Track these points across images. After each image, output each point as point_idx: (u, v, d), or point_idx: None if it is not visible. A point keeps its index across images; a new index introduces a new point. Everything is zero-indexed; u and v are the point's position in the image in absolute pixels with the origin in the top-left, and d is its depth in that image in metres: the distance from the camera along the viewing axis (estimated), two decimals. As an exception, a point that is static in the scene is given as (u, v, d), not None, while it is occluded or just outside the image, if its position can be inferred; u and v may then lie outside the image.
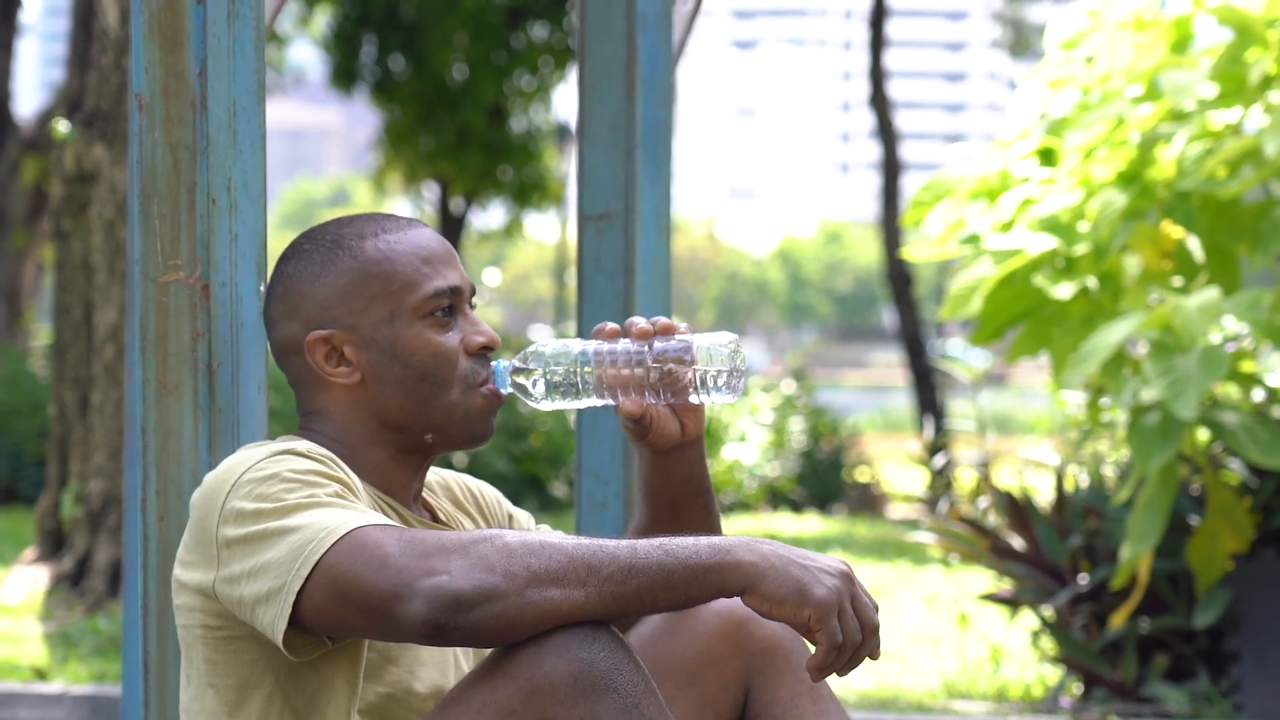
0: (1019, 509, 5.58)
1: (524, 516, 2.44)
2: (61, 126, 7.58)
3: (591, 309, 3.38)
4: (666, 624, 2.31)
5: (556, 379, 2.22)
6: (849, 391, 36.11)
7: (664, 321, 2.23)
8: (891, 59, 16.54)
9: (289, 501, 2.04)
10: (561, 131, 19.51)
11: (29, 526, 9.48)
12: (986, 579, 6.78)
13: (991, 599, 5.65)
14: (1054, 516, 5.60)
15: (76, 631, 6.51)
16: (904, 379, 18.30)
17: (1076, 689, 5.43)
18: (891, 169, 15.29)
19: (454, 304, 2.24)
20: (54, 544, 7.68)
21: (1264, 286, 4.84)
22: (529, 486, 11.99)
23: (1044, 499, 5.93)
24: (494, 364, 2.25)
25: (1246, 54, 4.88)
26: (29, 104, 47.38)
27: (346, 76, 17.62)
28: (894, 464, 15.44)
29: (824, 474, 13.75)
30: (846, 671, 2.01)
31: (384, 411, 2.22)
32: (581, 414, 3.35)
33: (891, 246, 15.00)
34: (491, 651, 2.01)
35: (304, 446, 2.13)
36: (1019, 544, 5.61)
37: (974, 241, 5.11)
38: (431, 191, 19.38)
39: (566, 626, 1.96)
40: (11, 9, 13.95)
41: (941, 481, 6.81)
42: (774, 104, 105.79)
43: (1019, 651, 6.12)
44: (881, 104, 15.28)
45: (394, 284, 2.21)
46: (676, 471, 2.31)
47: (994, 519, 5.84)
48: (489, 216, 22.34)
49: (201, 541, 2.09)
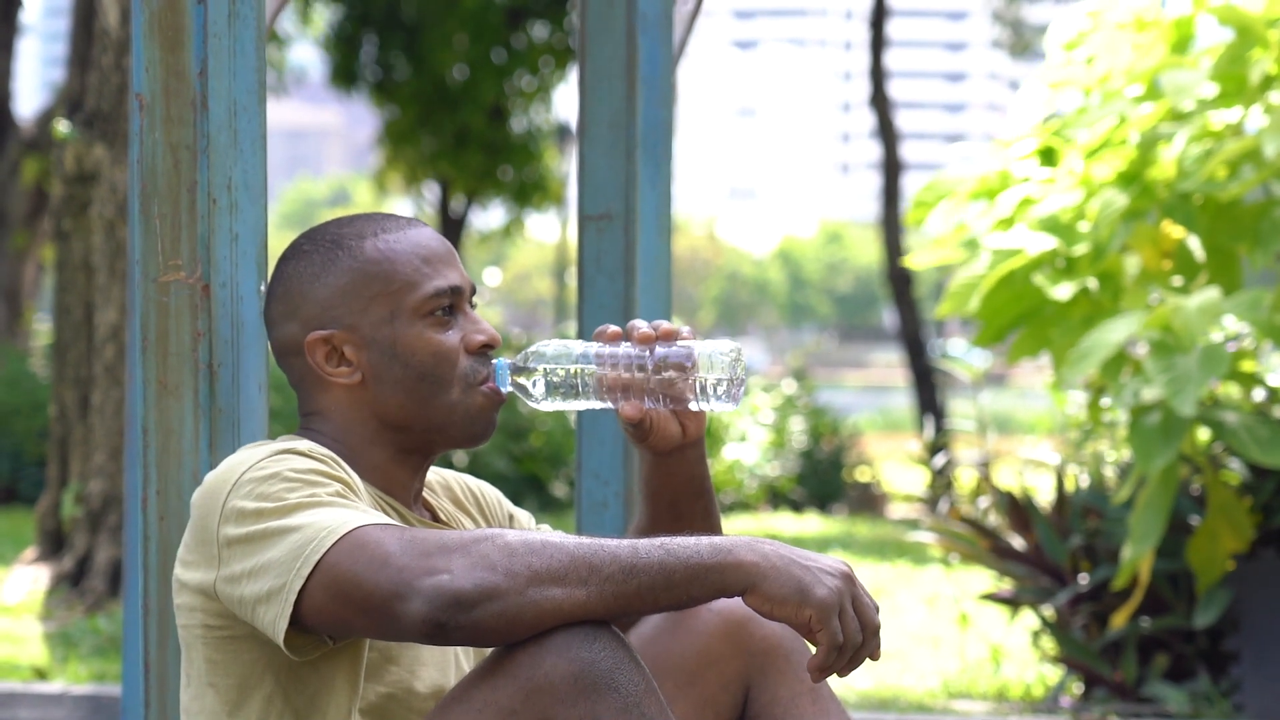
0: (1019, 509, 5.58)
1: (524, 516, 2.43)
2: (62, 126, 7.58)
3: (592, 309, 3.38)
4: (667, 624, 2.31)
5: (557, 380, 2.22)
6: (849, 391, 36.09)
7: (666, 326, 2.22)
8: (892, 59, 16.53)
9: (290, 501, 2.04)
10: (562, 131, 19.50)
11: (29, 526, 9.48)
12: (987, 579, 6.78)
13: (992, 599, 5.65)
14: (1054, 516, 5.59)
15: (76, 631, 6.51)
16: (904, 379, 18.29)
17: (1077, 689, 5.43)
18: (892, 169, 15.29)
19: (454, 303, 2.24)
20: (54, 544, 7.69)
21: (1264, 286, 4.84)
22: (529, 486, 11.98)
23: (1044, 499, 5.93)
24: (494, 362, 2.25)
25: (1247, 54, 4.88)
26: (29, 104, 47.39)
27: (347, 76, 17.62)
28: (894, 464, 15.43)
29: (824, 474, 13.74)
30: (847, 672, 2.01)
31: (384, 411, 2.22)
32: (581, 414, 3.34)
33: (892, 246, 15.01)
34: (492, 651, 2.01)
35: (305, 446, 2.12)
36: (1019, 544, 5.60)
37: (974, 245, 5.11)
38: (432, 191, 19.38)
39: (567, 626, 1.96)
40: (11, 9, 13.93)
41: (942, 481, 6.81)
42: (774, 104, 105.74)
43: (1019, 651, 6.12)
44: (882, 104, 15.27)
45: (394, 284, 2.21)
46: (677, 472, 2.31)
47: (994, 519, 5.84)
48: (489, 217, 22.34)
49: (202, 541, 2.09)
